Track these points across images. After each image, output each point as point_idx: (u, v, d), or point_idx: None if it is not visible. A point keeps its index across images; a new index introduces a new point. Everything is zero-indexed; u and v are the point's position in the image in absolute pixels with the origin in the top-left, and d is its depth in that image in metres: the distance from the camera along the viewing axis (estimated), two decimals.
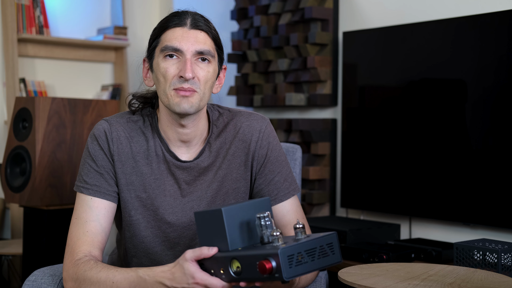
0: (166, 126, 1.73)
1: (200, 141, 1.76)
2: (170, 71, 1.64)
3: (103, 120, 1.76)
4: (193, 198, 1.74)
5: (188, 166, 1.74)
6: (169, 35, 1.66)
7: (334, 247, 1.43)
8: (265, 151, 1.78)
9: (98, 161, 1.72)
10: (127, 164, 1.73)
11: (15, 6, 3.87)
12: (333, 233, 1.44)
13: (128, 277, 1.55)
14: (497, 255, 2.06)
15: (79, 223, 1.69)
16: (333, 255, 1.43)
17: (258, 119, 1.80)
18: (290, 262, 1.37)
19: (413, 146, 2.82)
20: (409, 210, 2.84)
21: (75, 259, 1.64)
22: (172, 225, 1.74)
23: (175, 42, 1.64)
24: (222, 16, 3.98)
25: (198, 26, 1.67)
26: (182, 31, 1.65)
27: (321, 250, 1.41)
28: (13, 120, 2.79)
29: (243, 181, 1.78)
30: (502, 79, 2.55)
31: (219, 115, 1.80)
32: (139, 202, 1.73)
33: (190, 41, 1.64)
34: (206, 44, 1.67)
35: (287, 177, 1.80)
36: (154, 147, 1.74)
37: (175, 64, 1.64)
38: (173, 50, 1.64)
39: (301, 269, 1.38)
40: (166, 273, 1.51)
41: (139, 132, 1.75)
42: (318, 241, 1.41)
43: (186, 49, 1.64)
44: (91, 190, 1.70)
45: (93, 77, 4.34)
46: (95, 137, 1.73)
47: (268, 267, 1.36)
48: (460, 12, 2.77)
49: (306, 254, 1.39)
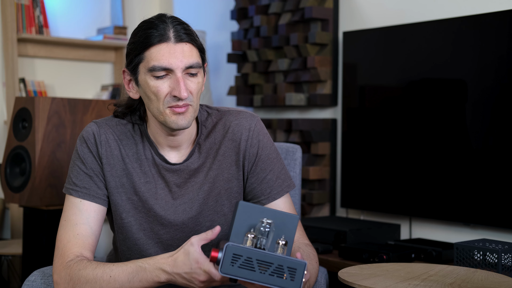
0: (156, 133, 1.71)
1: (190, 143, 1.74)
2: (162, 90, 1.61)
3: (92, 123, 1.75)
4: (185, 201, 1.73)
5: (178, 168, 1.73)
6: (154, 53, 1.60)
7: (296, 275, 1.39)
8: (256, 149, 1.76)
9: (87, 164, 1.71)
10: (116, 166, 1.72)
11: (15, 6, 3.87)
12: (303, 262, 1.40)
13: (126, 269, 1.55)
14: (497, 255, 2.06)
15: (69, 225, 1.67)
16: (291, 281, 1.39)
17: (247, 117, 1.78)
18: (234, 261, 1.37)
19: (413, 146, 2.81)
20: (409, 210, 2.84)
21: (66, 261, 1.62)
22: (164, 227, 1.73)
23: (163, 61, 1.59)
24: (222, 16, 3.98)
25: (182, 38, 1.61)
26: (168, 48, 1.60)
27: (278, 269, 1.39)
28: (13, 120, 2.79)
29: (235, 181, 1.77)
30: (502, 79, 2.55)
31: (208, 116, 1.78)
32: (131, 204, 1.72)
33: (178, 58, 1.60)
34: (193, 56, 1.62)
35: (279, 175, 1.78)
36: (143, 150, 1.73)
37: (166, 83, 1.61)
38: (162, 69, 1.60)
39: (242, 273, 1.38)
40: (167, 259, 1.51)
41: (128, 135, 1.74)
42: (279, 259, 1.39)
43: (176, 67, 1.60)
44: (81, 193, 1.70)
45: (93, 77, 4.34)
46: (84, 139, 1.73)
47: (213, 255, 1.39)
48: (460, 12, 2.77)
49: (257, 263, 1.38)
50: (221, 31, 3.96)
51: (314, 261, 1.71)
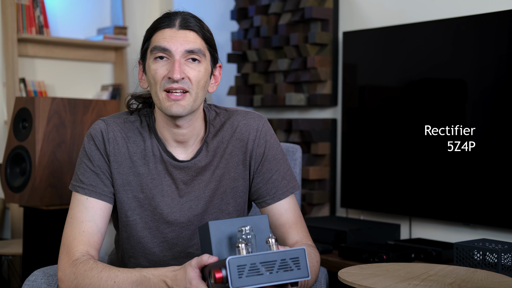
0: (162, 126, 1.73)
1: (197, 141, 1.76)
2: (159, 72, 1.64)
3: (100, 120, 1.76)
4: (191, 198, 1.74)
5: (186, 165, 1.73)
6: (158, 36, 1.66)
7: (301, 262, 1.40)
8: (263, 149, 1.78)
9: (95, 161, 1.72)
10: (123, 164, 1.72)
11: (15, 6, 3.87)
12: (301, 248, 1.42)
13: (131, 277, 1.55)
14: (497, 255, 2.06)
15: (75, 223, 1.68)
16: (298, 270, 1.40)
17: (255, 117, 1.80)
18: (241, 272, 1.35)
19: (413, 146, 2.81)
20: (409, 210, 2.84)
21: (73, 259, 1.63)
22: (170, 225, 1.74)
23: (163, 42, 1.64)
24: (222, 16, 3.98)
25: (188, 26, 1.66)
26: (170, 32, 1.65)
27: (282, 263, 1.39)
28: (13, 120, 2.79)
29: (241, 180, 1.78)
30: (502, 79, 2.55)
31: (216, 115, 1.80)
32: (137, 202, 1.73)
33: (178, 41, 1.64)
34: (196, 43, 1.66)
35: (285, 175, 1.80)
36: (151, 147, 1.73)
37: (165, 66, 1.64)
38: (162, 50, 1.64)
39: (253, 281, 1.37)
40: (170, 273, 1.51)
41: (136, 133, 1.75)
42: (279, 254, 1.39)
43: (175, 49, 1.63)
44: (87, 190, 1.70)
45: (93, 77, 4.35)
46: (91, 137, 1.73)
47: (218, 277, 1.36)
48: (460, 12, 2.77)
49: (263, 266, 1.38)
50: (221, 31, 3.96)
51: (315, 260, 1.72)
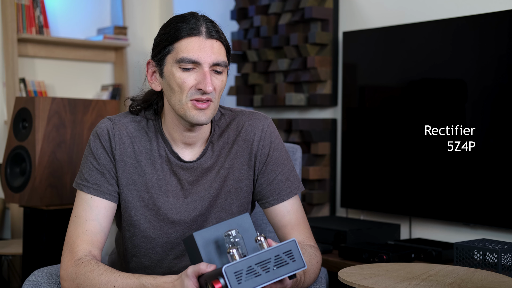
0: (172, 128, 1.72)
1: (203, 141, 1.76)
2: (188, 83, 1.63)
3: (106, 119, 1.75)
4: (196, 198, 1.74)
5: (191, 166, 1.74)
6: (184, 45, 1.63)
7: (294, 254, 1.42)
8: (267, 150, 1.78)
9: (100, 160, 1.71)
10: (129, 163, 1.72)
11: (15, 6, 3.87)
12: (292, 240, 1.43)
13: (130, 283, 1.55)
14: (497, 255, 2.06)
15: (78, 221, 1.68)
16: (293, 262, 1.42)
17: (260, 118, 1.80)
18: (239, 278, 1.36)
19: (413, 146, 2.81)
20: (409, 210, 2.84)
21: (75, 259, 1.63)
22: (175, 225, 1.74)
23: (193, 53, 1.63)
24: (222, 16, 3.98)
25: (213, 35, 1.66)
26: (199, 42, 1.64)
27: (277, 260, 1.41)
28: (13, 120, 2.79)
29: (246, 181, 1.78)
30: (502, 79, 2.55)
31: (221, 115, 1.80)
32: (141, 202, 1.73)
33: (207, 53, 1.63)
34: (221, 54, 1.66)
35: (289, 176, 1.80)
36: (157, 147, 1.73)
37: (192, 75, 1.63)
38: (191, 62, 1.63)
39: (254, 282, 1.38)
40: (168, 284, 1.51)
41: (142, 132, 1.74)
42: (272, 251, 1.41)
43: (204, 61, 1.63)
44: (92, 189, 1.70)
45: (93, 77, 4.35)
46: (97, 135, 1.73)
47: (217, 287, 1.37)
48: (460, 12, 2.77)
49: (259, 267, 1.39)
50: None
51: (315, 260, 1.72)
